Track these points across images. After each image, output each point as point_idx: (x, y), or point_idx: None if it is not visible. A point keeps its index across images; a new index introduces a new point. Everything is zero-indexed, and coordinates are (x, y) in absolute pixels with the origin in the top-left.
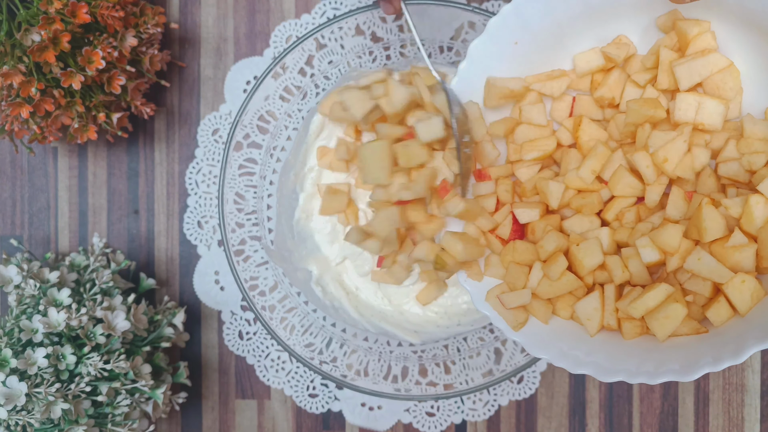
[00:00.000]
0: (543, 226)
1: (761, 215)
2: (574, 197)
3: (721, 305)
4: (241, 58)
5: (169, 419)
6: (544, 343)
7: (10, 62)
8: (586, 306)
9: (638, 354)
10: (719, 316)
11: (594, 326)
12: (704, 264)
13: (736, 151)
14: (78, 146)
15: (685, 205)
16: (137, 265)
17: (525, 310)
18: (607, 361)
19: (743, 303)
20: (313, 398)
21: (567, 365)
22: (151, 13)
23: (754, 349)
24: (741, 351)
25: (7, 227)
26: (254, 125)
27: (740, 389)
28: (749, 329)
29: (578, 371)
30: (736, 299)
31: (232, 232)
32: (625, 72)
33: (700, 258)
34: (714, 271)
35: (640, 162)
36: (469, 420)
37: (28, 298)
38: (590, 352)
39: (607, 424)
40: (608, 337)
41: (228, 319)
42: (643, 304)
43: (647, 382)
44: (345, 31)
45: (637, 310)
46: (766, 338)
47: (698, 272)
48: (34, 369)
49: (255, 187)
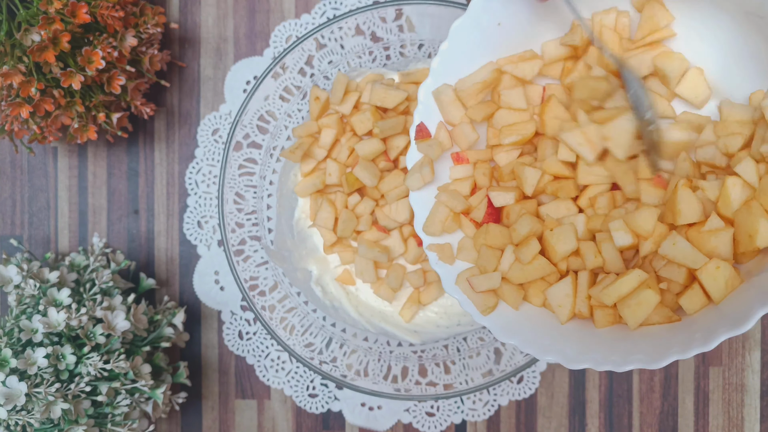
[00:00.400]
0: (518, 210)
1: (738, 197)
2: (549, 183)
3: (694, 292)
4: (241, 58)
5: (169, 419)
6: (512, 328)
7: (10, 62)
8: (558, 292)
9: (608, 343)
10: (693, 303)
11: (565, 313)
12: (679, 249)
13: (713, 134)
14: (78, 146)
15: (658, 190)
16: (137, 265)
17: (495, 294)
18: (575, 349)
19: (717, 291)
20: (313, 398)
21: (534, 351)
22: (151, 13)
23: (724, 336)
24: (710, 338)
25: (7, 227)
26: (254, 125)
27: (740, 389)
28: (721, 317)
29: (545, 358)
30: (710, 286)
31: (232, 232)
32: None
33: (675, 243)
34: (688, 256)
35: (571, 140)
36: (469, 420)
37: (28, 298)
38: (559, 339)
39: (607, 424)
40: (579, 325)
41: (228, 319)
42: (615, 290)
43: (614, 369)
44: (345, 31)
45: (609, 296)
46: (737, 327)
47: (672, 257)
48: (34, 369)
49: (255, 187)
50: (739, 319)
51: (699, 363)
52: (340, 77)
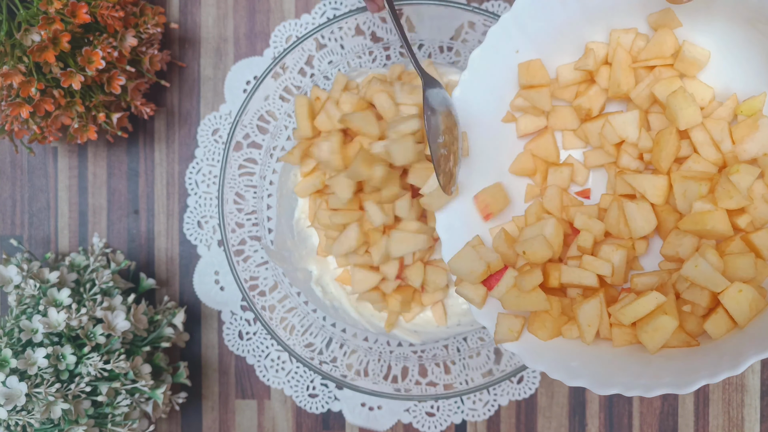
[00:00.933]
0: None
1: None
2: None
3: (719, 317)
4: (241, 58)
5: (169, 419)
6: (540, 354)
7: (10, 62)
8: (589, 311)
9: (634, 367)
10: (718, 328)
11: (592, 333)
12: (700, 271)
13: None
14: (78, 146)
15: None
16: (137, 265)
17: (524, 320)
18: (602, 374)
19: (742, 314)
20: (313, 398)
21: (563, 377)
22: (151, 13)
23: (752, 360)
24: (739, 363)
25: (7, 227)
26: (254, 125)
27: (740, 389)
28: (747, 339)
29: (574, 383)
30: (734, 310)
31: (232, 232)
32: (598, 83)
33: (698, 265)
34: (710, 279)
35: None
36: (469, 420)
37: (28, 298)
38: (586, 364)
39: (607, 424)
40: (603, 349)
41: (228, 319)
42: (632, 310)
43: (643, 394)
44: (345, 31)
45: (626, 316)
46: (765, 349)
47: (694, 279)
48: (34, 369)
49: (255, 187)
50: (765, 338)
51: None
52: (339, 77)
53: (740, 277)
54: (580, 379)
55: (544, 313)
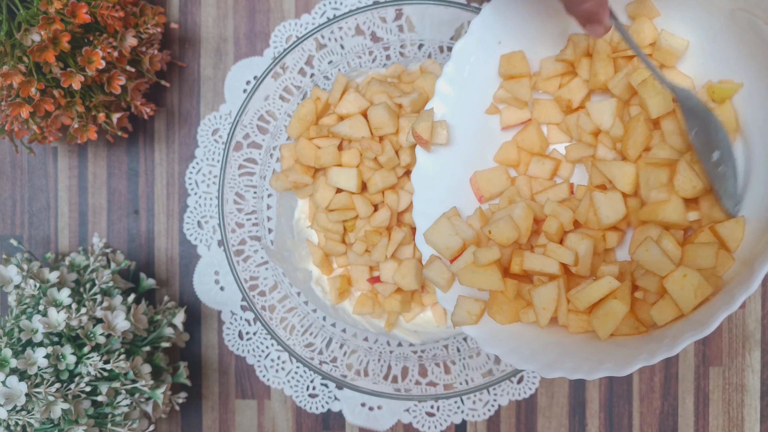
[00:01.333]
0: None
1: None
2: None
3: (665, 302)
4: (241, 58)
5: (169, 419)
6: (496, 338)
7: (10, 62)
8: (545, 294)
9: (583, 352)
10: (662, 314)
11: (547, 317)
12: (650, 255)
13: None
14: (78, 146)
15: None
16: (137, 265)
17: (484, 303)
18: (553, 359)
19: (686, 300)
20: (313, 398)
21: (514, 360)
22: (151, 13)
23: (689, 341)
24: (676, 344)
25: (7, 227)
26: (254, 125)
27: (740, 389)
28: (687, 323)
29: (523, 366)
30: (677, 295)
31: (232, 232)
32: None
33: (648, 249)
34: (657, 263)
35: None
36: (469, 420)
37: (28, 298)
38: (540, 349)
39: (607, 424)
40: (560, 336)
41: (228, 319)
42: (586, 294)
43: (585, 377)
44: (345, 31)
45: (581, 300)
46: (701, 330)
47: (644, 264)
48: (34, 369)
49: (255, 187)
50: (703, 322)
51: (699, 363)
52: (339, 77)
53: (698, 265)
54: (530, 363)
55: (501, 296)
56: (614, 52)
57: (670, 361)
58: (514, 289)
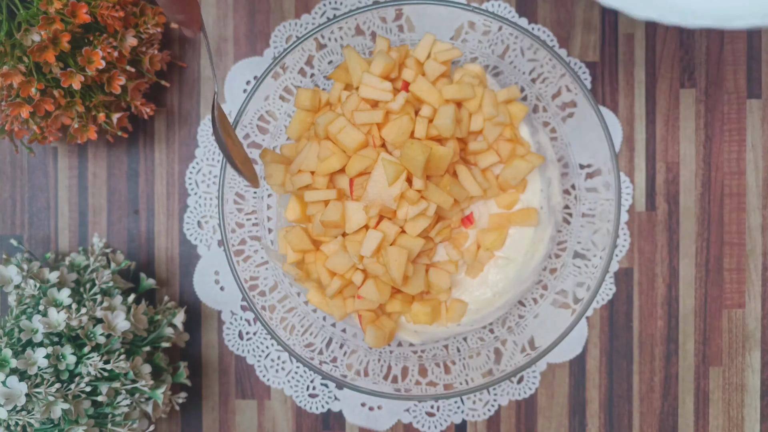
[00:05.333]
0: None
1: None
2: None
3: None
4: (241, 58)
5: (169, 419)
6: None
7: (10, 62)
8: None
9: None
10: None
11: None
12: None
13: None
14: (78, 146)
15: None
16: (137, 265)
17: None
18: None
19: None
20: (313, 398)
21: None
22: (151, 13)
23: None
24: None
25: (7, 227)
26: (254, 125)
27: (740, 389)
28: None
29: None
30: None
31: (232, 232)
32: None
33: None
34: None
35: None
36: (469, 420)
37: (28, 298)
38: None
39: (607, 424)
40: None
41: (228, 319)
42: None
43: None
44: (345, 31)
45: None
46: None
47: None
48: (34, 369)
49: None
50: None
51: (699, 363)
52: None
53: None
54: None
55: None
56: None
57: (670, 361)
58: None
